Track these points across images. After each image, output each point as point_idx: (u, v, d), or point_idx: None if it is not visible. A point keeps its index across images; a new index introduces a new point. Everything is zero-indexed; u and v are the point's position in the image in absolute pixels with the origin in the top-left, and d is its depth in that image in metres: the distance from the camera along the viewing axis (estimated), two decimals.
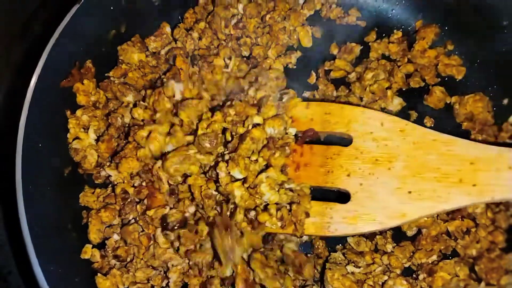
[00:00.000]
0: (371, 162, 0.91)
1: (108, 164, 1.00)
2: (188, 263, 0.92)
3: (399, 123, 0.93)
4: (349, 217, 0.90)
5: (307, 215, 0.90)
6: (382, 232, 0.99)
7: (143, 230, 0.93)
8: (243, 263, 0.91)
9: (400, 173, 0.89)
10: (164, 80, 1.03)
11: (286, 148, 0.93)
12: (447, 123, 1.10)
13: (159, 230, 0.92)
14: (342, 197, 0.93)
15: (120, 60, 1.10)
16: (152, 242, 0.92)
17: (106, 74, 1.08)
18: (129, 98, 1.06)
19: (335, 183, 0.92)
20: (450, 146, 0.88)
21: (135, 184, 0.97)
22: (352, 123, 0.94)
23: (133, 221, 0.94)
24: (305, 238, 0.98)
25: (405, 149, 0.90)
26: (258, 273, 0.89)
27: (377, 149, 0.91)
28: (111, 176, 0.99)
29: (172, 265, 0.91)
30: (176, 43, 1.17)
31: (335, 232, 0.90)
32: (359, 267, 0.94)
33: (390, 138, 0.91)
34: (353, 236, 0.98)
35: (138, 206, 0.94)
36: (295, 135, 0.97)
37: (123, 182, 0.98)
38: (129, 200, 0.95)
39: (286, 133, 0.96)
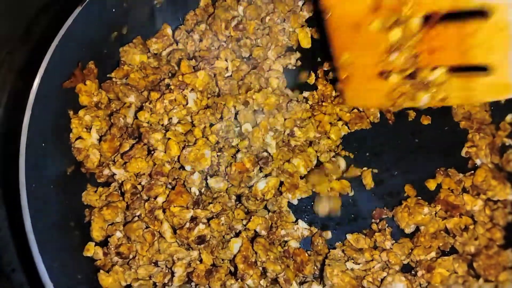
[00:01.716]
0: None
1: (112, 163, 1.01)
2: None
3: None
4: (493, 87, 0.82)
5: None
6: (381, 230, 1.00)
7: (147, 227, 0.93)
8: (248, 243, 0.92)
9: None
10: (172, 87, 1.05)
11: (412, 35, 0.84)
12: (445, 122, 1.11)
13: (165, 225, 0.93)
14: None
15: (122, 62, 1.12)
16: (156, 238, 0.93)
17: (108, 75, 1.10)
18: (131, 99, 1.07)
19: (474, 60, 0.82)
20: None
21: (142, 183, 0.99)
22: None
23: (136, 218, 0.95)
24: (306, 233, 0.99)
25: None
26: (260, 255, 0.90)
27: None
28: (115, 174, 1.00)
29: (178, 259, 0.92)
30: (177, 44, 1.18)
31: (481, 101, 0.89)
32: (359, 264, 0.95)
33: None
34: (352, 233, 0.99)
35: (146, 204, 0.95)
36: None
37: (130, 180, 0.99)
38: (137, 196, 0.96)
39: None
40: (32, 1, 1.22)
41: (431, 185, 1.04)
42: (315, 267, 0.97)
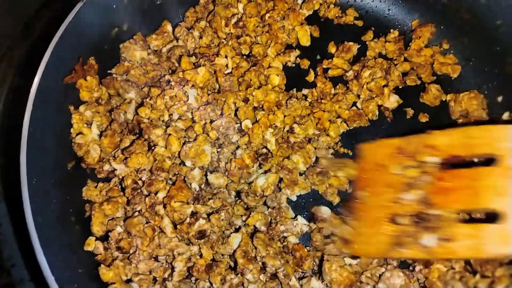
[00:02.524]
0: None
1: (112, 158, 1.02)
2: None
3: None
4: (504, 237, 0.82)
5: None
6: None
7: (147, 222, 0.94)
8: (247, 238, 0.93)
9: None
10: (172, 83, 1.05)
11: (427, 176, 0.90)
12: (442, 120, 1.12)
13: (166, 220, 0.93)
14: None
15: (122, 58, 1.12)
16: (157, 233, 0.93)
17: (108, 71, 1.10)
18: (131, 95, 1.07)
19: (484, 205, 0.85)
20: None
21: (143, 178, 0.99)
22: (498, 142, 0.86)
23: (137, 213, 0.95)
24: (305, 229, 1.00)
25: None
26: (260, 250, 0.91)
27: None
28: (115, 170, 1.01)
29: (178, 254, 0.92)
30: (177, 41, 1.19)
31: (491, 254, 0.83)
32: (356, 259, 0.96)
33: None
34: None
35: (147, 199, 0.96)
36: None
37: (130, 175, 1.00)
38: (138, 191, 0.97)
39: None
40: None
41: None
42: (314, 263, 0.97)
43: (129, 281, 0.92)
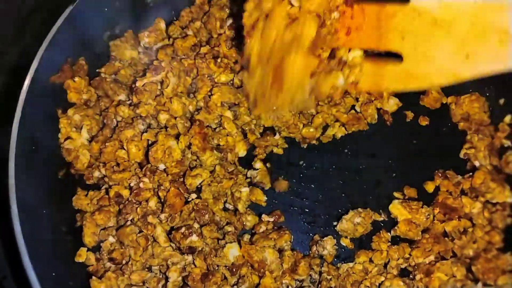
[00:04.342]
0: (430, 24, 0.79)
1: (102, 164, 0.99)
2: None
3: None
4: (402, 76, 0.85)
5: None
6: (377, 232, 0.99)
7: (140, 231, 0.92)
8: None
9: (459, 37, 0.78)
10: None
11: (335, 12, 0.85)
12: (443, 123, 1.10)
13: (159, 229, 0.91)
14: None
15: (112, 57, 1.09)
16: (150, 242, 0.91)
17: (97, 70, 1.07)
18: (122, 97, 1.05)
19: (388, 46, 0.85)
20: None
21: (131, 184, 0.97)
22: None
23: (129, 222, 0.93)
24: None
25: (470, 10, 0.76)
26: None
27: (437, 9, 0.78)
28: (105, 176, 0.98)
29: (172, 263, 0.90)
30: (169, 40, 1.16)
31: (388, 89, 0.92)
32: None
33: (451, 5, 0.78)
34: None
35: (138, 209, 0.94)
36: None
37: (118, 184, 0.97)
38: (126, 201, 0.94)
39: None
40: (23, 0, 1.20)
41: (429, 187, 1.03)
42: (312, 269, 0.95)
43: None
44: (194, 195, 0.97)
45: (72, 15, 0.96)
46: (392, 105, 1.11)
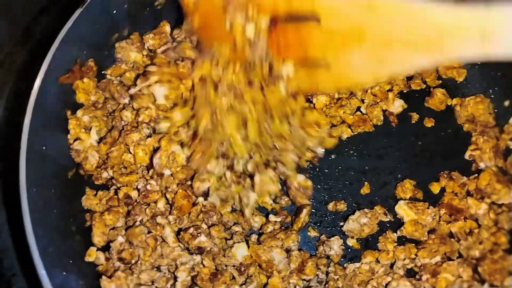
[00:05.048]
0: (342, 39, 0.87)
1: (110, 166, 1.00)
2: None
3: None
4: (332, 79, 0.94)
5: None
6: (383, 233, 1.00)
7: (149, 232, 0.92)
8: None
9: (370, 46, 0.85)
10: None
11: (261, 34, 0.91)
12: (448, 124, 1.10)
13: (168, 229, 0.92)
14: None
15: (118, 59, 1.10)
16: (159, 242, 0.92)
17: (103, 72, 1.07)
18: (127, 100, 1.05)
19: (316, 55, 0.92)
20: (419, 16, 0.79)
21: (139, 187, 0.98)
22: (317, 1, 0.87)
23: (138, 223, 0.94)
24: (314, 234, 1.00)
25: (375, 23, 0.83)
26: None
27: (345, 27, 0.86)
28: (113, 178, 0.99)
29: (181, 263, 0.91)
30: (173, 44, 1.16)
31: (323, 90, 1.04)
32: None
33: (358, 14, 0.84)
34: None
35: (147, 210, 0.94)
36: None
37: (126, 186, 0.98)
38: (135, 203, 0.95)
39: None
40: (32, 2, 1.21)
41: (435, 188, 1.03)
42: (319, 269, 0.96)
43: None
44: (201, 198, 0.97)
45: (80, 17, 0.97)
46: (397, 106, 1.12)
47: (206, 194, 0.98)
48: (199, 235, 0.90)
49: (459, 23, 0.74)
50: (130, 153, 1.00)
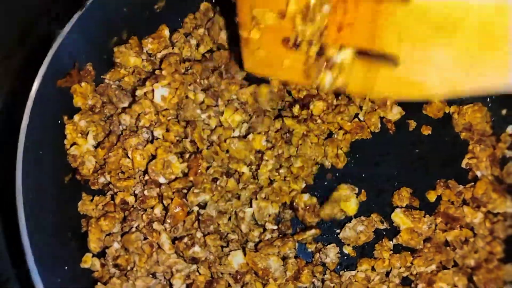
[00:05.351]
0: (433, 27, 0.70)
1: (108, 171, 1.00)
2: None
3: None
4: (395, 83, 0.77)
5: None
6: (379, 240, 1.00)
7: (145, 238, 0.92)
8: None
9: (463, 45, 0.69)
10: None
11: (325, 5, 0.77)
12: (445, 132, 1.10)
13: (164, 236, 0.91)
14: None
15: (117, 63, 1.09)
16: (155, 249, 0.92)
17: (102, 77, 1.07)
18: (126, 104, 1.05)
19: (383, 47, 0.76)
20: None
21: (136, 192, 0.97)
22: None
23: (134, 229, 0.93)
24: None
25: (475, 20, 0.67)
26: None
27: (443, 10, 0.68)
28: (110, 183, 0.99)
29: (177, 270, 0.90)
30: (173, 48, 1.16)
31: (378, 95, 0.82)
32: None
33: (458, 5, 0.67)
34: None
35: (144, 216, 0.94)
36: None
37: (123, 191, 0.98)
38: (131, 209, 0.95)
39: None
40: (30, 4, 1.20)
41: (431, 196, 1.04)
42: (315, 277, 0.96)
43: None
44: (196, 208, 0.97)
45: (80, 20, 0.96)
46: (395, 114, 1.12)
47: (202, 207, 0.97)
48: (193, 245, 0.90)
49: None
50: (128, 157, 0.99)
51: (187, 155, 0.97)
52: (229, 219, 0.99)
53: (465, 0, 0.67)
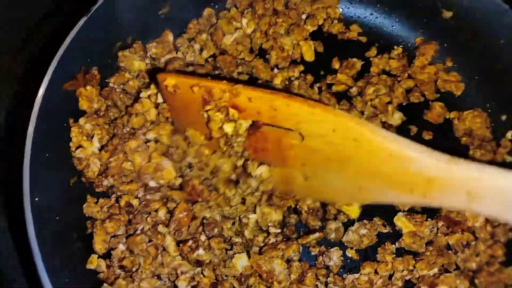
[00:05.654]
0: (324, 160, 0.88)
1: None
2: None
3: (353, 132, 0.83)
4: (308, 190, 0.96)
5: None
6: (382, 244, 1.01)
7: (150, 241, 0.93)
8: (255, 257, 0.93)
9: (351, 173, 0.87)
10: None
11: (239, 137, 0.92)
12: (446, 138, 1.12)
13: (168, 238, 0.92)
14: None
15: (121, 67, 1.10)
16: (160, 251, 0.92)
17: (106, 81, 1.08)
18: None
19: (291, 167, 0.93)
20: (407, 163, 0.80)
21: (139, 196, 0.98)
22: (302, 124, 0.86)
23: (139, 231, 0.94)
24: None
25: (359, 157, 0.84)
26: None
27: (329, 150, 0.86)
28: (114, 186, 0.99)
29: (181, 272, 0.91)
30: (177, 53, 1.18)
31: (299, 197, 0.98)
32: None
33: (343, 144, 0.84)
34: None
35: (148, 218, 0.94)
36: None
37: (127, 194, 0.98)
38: (136, 212, 0.95)
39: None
40: (35, 9, 1.21)
41: None
42: (318, 280, 0.97)
43: None
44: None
45: (85, 25, 0.97)
46: (396, 119, 1.13)
47: None
48: (197, 248, 0.90)
49: (449, 179, 0.76)
50: (130, 161, 1.00)
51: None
52: (233, 223, 0.99)
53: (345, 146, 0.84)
